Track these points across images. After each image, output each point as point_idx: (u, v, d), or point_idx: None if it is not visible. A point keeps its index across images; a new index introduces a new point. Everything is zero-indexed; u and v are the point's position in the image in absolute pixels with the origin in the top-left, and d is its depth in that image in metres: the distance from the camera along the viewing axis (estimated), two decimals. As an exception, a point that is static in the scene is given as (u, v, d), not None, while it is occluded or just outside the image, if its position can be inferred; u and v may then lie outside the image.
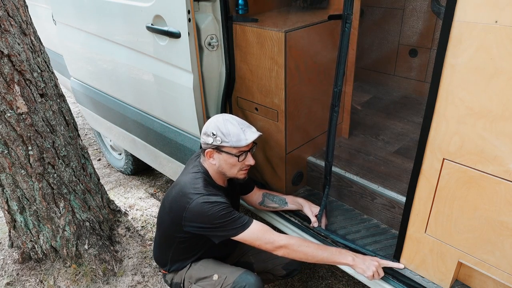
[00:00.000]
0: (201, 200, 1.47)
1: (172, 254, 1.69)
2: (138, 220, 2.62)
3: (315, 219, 1.75)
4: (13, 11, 1.76)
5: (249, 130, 1.55)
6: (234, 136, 1.50)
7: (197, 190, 1.50)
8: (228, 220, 1.47)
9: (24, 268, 2.22)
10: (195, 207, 1.47)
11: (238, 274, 1.54)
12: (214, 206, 1.46)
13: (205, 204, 1.46)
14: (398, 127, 2.31)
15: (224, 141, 1.50)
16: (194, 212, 1.48)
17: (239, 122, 1.55)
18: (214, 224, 1.47)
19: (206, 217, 1.47)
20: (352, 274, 1.62)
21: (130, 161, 3.07)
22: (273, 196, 1.90)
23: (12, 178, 1.98)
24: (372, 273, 1.45)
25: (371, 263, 1.47)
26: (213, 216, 1.46)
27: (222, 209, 1.47)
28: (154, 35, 1.83)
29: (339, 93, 1.51)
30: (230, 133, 1.50)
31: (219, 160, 1.55)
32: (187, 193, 1.51)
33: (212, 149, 1.54)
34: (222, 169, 1.57)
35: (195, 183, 1.53)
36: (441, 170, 1.23)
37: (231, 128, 1.51)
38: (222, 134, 1.50)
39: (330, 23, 1.77)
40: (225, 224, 1.47)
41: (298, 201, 1.84)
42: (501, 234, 1.17)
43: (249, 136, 1.52)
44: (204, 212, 1.46)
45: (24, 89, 1.83)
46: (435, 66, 1.12)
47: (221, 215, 1.46)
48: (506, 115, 1.03)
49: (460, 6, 1.01)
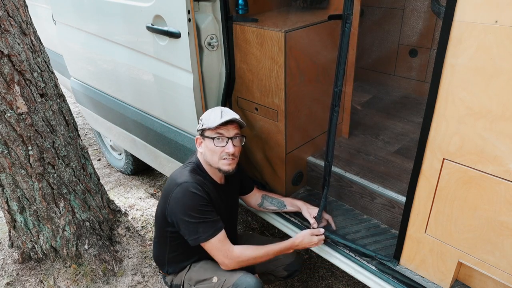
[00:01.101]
0: (186, 186, 1.50)
1: (168, 253, 1.70)
2: (138, 220, 2.62)
3: (314, 220, 1.75)
4: (13, 11, 1.75)
5: (227, 115, 1.56)
6: (211, 117, 1.55)
7: (184, 176, 1.54)
8: (204, 218, 1.50)
9: (24, 268, 2.22)
10: (179, 192, 1.50)
11: (238, 276, 1.54)
12: (196, 197, 1.49)
13: (189, 192, 1.49)
14: (398, 127, 2.32)
15: (204, 124, 1.55)
16: (176, 197, 1.51)
17: (225, 110, 1.58)
18: (188, 216, 1.49)
19: (185, 205, 1.49)
20: (352, 274, 1.62)
21: (130, 161, 3.07)
22: (272, 198, 1.90)
23: (12, 178, 1.98)
24: (317, 240, 1.65)
25: (306, 236, 1.65)
26: (191, 206, 1.48)
27: (203, 204, 1.50)
28: (154, 35, 1.83)
29: (339, 93, 1.51)
30: (210, 116, 1.56)
31: (204, 148, 1.58)
32: (174, 179, 1.56)
33: (199, 136, 1.60)
34: (206, 157, 1.59)
35: (183, 171, 1.58)
36: (441, 170, 1.23)
37: (211, 112, 1.57)
38: (205, 118, 1.57)
39: (330, 23, 1.77)
40: (198, 222, 1.49)
41: (297, 204, 1.84)
42: (501, 234, 1.17)
43: (224, 117, 1.54)
44: (185, 199, 1.49)
45: (24, 89, 1.83)
46: (435, 66, 1.12)
47: (199, 210, 1.49)
48: (506, 115, 1.03)
49: (460, 6, 1.01)
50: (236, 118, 1.55)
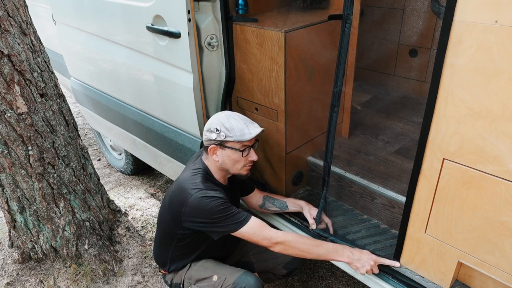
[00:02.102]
0: (200, 194, 1.48)
1: (171, 252, 1.69)
2: (138, 220, 2.62)
3: (313, 221, 1.75)
4: (13, 11, 1.76)
5: (252, 125, 1.56)
6: (238, 130, 1.51)
7: (196, 185, 1.51)
8: (227, 215, 1.48)
9: (24, 268, 2.22)
10: (194, 202, 1.48)
11: (238, 275, 1.54)
12: (212, 200, 1.47)
13: (204, 198, 1.47)
14: (398, 127, 2.32)
15: (228, 135, 1.51)
16: (193, 206, 1.48)
17: (242, 118, 1.56)
18: (212, 218, 1.48)
19: (205, 212, 1.47)
20: (352, 273, 1.62)
21: (130, 161, 3.07)
22: (274, 199, 1.89)
23: (12, 178, 1.98)
24: (366, 271, 1.47)
25: (367, 261, 1.48)
26: (211, 210, 1.46)
27: (220, 203, 1.47)
28: (154, 35, 1.83)
29: (339, 93, 1.51)
30: (234, 127, 1.51)
31: (223, 156, 1.56)
32: (186, 188, 1.52)
33: (215, 145, 1.55)
34: (226, 165, 1.58)
35: (194, 178, 1.55)
36: (441, 170, 1.23)
37: (235, 123, 1.52)
38: (226, 129, 1.51)
39: (330, 23, 1.77)
40: (223, 219, 1.48)
41: (299, 204, 1.84)
42: (501, 234, 1.17)
43: (253, 130, 1.53)
44: (202, 207, 1.47)
45: (24, 89, 1.83)
46: (435, 66, 1.11)
47: (219, 210, 1.47)
48: (506, 115, 1.03)
49: (460, 6, 1.01)
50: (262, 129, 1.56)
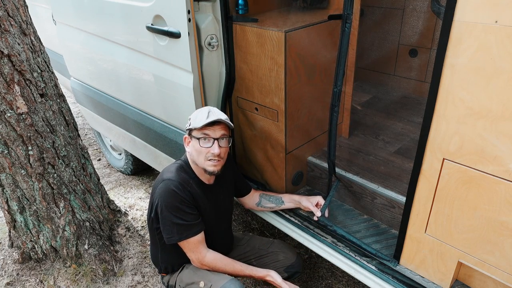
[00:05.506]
0: (168, 183, 1.52)
1: (160, 252, 1.71)
2: (138, 220, 2.62)
3: (316, 209, 1.75)
4: (13, 11, 1.75)
5: (214, 115, 1.54)
6: (197, 117, 1.54)
7: (168, 174, 1.56)
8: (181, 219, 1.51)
9: (24, 268, 2.22)
10: (161, 189, 1.52)
11: (223, 282, 1.54)
12: (175, 195, 1.50)
13: (169, 188, 1.51)
14: (398, 127, 2.32)
15: (191, 123, 1.55)
16: (159, 194, 1.53)
17: (211, 110, 1.56)
18: (168, 213, 1.51)
19: (164, 202, 1.50)
20: (352, 273, 1.62)
21: (130, 161, 3.07)
22: (270, 196, 1.90)
23: (12, 178, 1.98)
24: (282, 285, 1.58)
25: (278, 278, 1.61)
26: (170, 204, 1.50)
27: (182, 204, 1.51)
28: (154, 35, 1.83)
29: (339, 93, 1.52)
30: (197, 115, 1.55)
31: (191, 147, 1.59)
32: (161, 175, 1.59)
33: (187, 136, 1.60)
34: (193, 157, 1.59)
35: (170, 167, 1.61)
36: (441, 170, 1.23)
37: (199, 112, 1.57)
38: (191, 117, 1.57)
39: (330, 23, 1.77)
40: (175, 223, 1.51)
41: (294, 198, 1.85)
42: (501, 234, 1.17)
43: (211, 117, 1.52)
44: (164, 196, 1.51)
45: (24, 89, 1.83)
46: (435, 66, 1.12)
47: (177, 209, 1.50)
48: (506, 115, 1.03)
49: (460, 6, 1.01)
50: (223, 119, 1.53)
